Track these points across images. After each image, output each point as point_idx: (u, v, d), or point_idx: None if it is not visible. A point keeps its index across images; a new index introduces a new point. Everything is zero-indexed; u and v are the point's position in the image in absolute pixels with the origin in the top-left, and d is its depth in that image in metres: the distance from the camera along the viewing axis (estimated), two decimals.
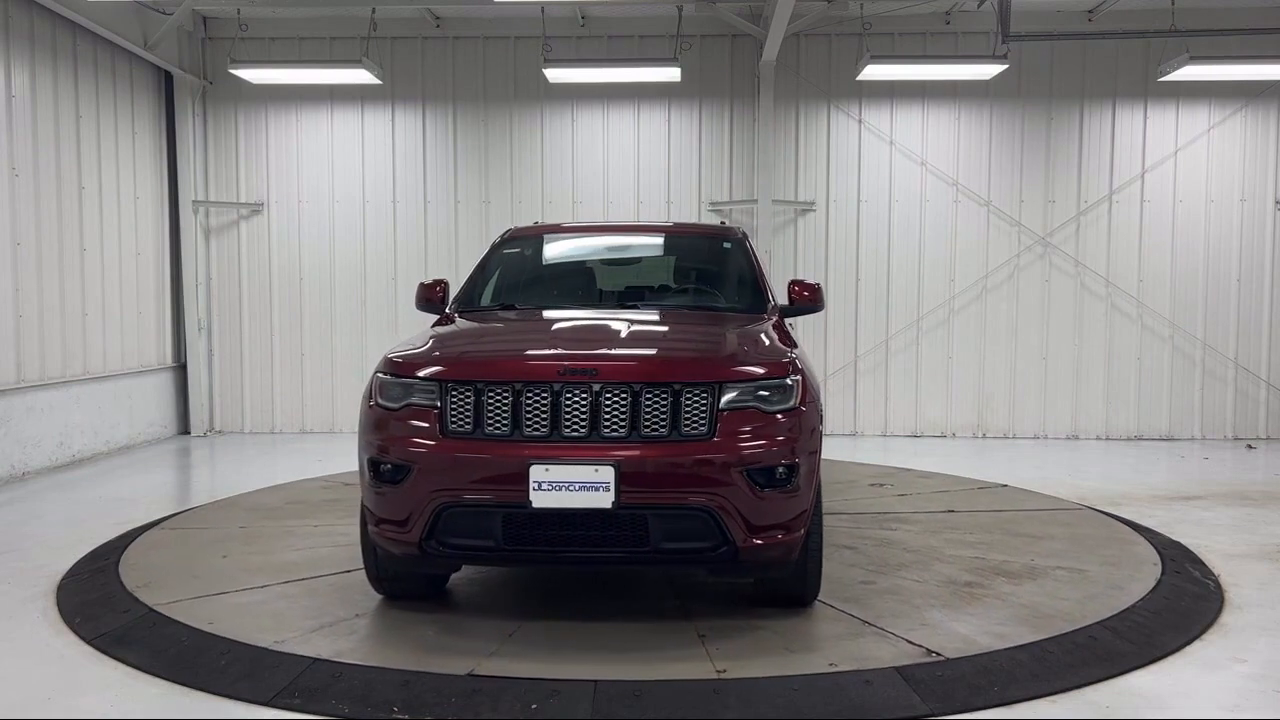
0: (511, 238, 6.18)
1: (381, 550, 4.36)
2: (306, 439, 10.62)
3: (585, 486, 3.91)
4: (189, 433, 10.84)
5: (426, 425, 4.11)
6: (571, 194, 10.79)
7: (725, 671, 3.89)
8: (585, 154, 10.80)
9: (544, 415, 4.04)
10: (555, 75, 9.92)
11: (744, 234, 6.19)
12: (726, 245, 6.03)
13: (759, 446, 4.02)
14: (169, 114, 10.65)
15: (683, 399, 4.05)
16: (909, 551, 5.71)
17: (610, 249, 6.39)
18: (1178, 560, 5.53)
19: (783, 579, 4.46)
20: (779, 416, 4.11)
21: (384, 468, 4.16)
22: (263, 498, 7.22)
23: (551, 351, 4.36)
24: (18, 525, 6.58)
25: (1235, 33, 9.29)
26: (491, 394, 4.08)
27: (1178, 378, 10.72)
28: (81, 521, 6.58)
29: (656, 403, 4.04)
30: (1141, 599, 4.78)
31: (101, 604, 4.74)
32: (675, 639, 4.29)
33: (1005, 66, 9.53)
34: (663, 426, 4.03)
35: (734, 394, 4.08)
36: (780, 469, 4.05)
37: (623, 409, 4.03)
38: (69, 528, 6.41)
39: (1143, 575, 5.26)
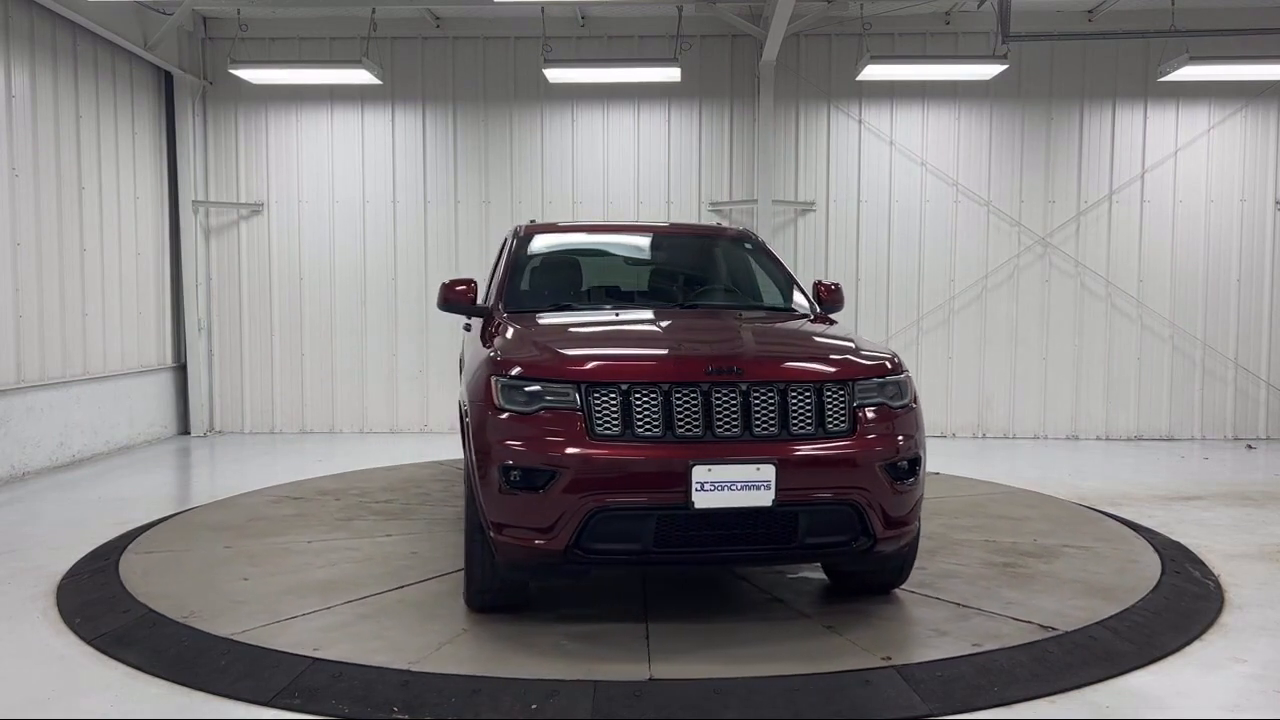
0: (530, 234, 6.00)
1: (503, 558, 4.14)
2: (306, 439, 10.62)
3: (747, 486, 3.93)
4: (189, 433, 10.84)
5: (571, 428, 3.98)
6: (571, 194, 10.79)
7: (891, 659, 3.96)
8: (585, 154, 10.80)
9: (696, 415, 4.03)
10: (555, 75, 9.93)
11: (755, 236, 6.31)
12: (748, 246, 6.09)
13: (892, 441, 4.19)
14: (169, 114, 10.65)
15: (824, 396, 4.14)
16: (925, 538, 5.74)
17: (645, 249, 6.33)
18: (1178, 560, 5.53)
19: (886, 568, 4.60)
20: (901, 411, 4.30)
21: (518, 473, 3.98)
22: (217, 515, 6.64)
23: (697, 352, 4.38)
24: (18, 525, 6.58)
25: (1235, 33, 9.28)
26: (639, 395, 4.02)
27: (1178, 378, 10.72)
28: (81, 521, 6.58)
29: (803, 401, 4.11)
30: (1142, 598, 4.78)
31: (101, 604, 4.74)
32: (804, 632, 4.33)
33: (1005, 66, 9.53)
34: (809, 424, 4.10)
35: (866, 391, 4.23)
36: (906, 462, 4.21)
37: (772, 407, 4.08)
38: (69, 528, 6.41)
39: (1137, 549, 5.71)
